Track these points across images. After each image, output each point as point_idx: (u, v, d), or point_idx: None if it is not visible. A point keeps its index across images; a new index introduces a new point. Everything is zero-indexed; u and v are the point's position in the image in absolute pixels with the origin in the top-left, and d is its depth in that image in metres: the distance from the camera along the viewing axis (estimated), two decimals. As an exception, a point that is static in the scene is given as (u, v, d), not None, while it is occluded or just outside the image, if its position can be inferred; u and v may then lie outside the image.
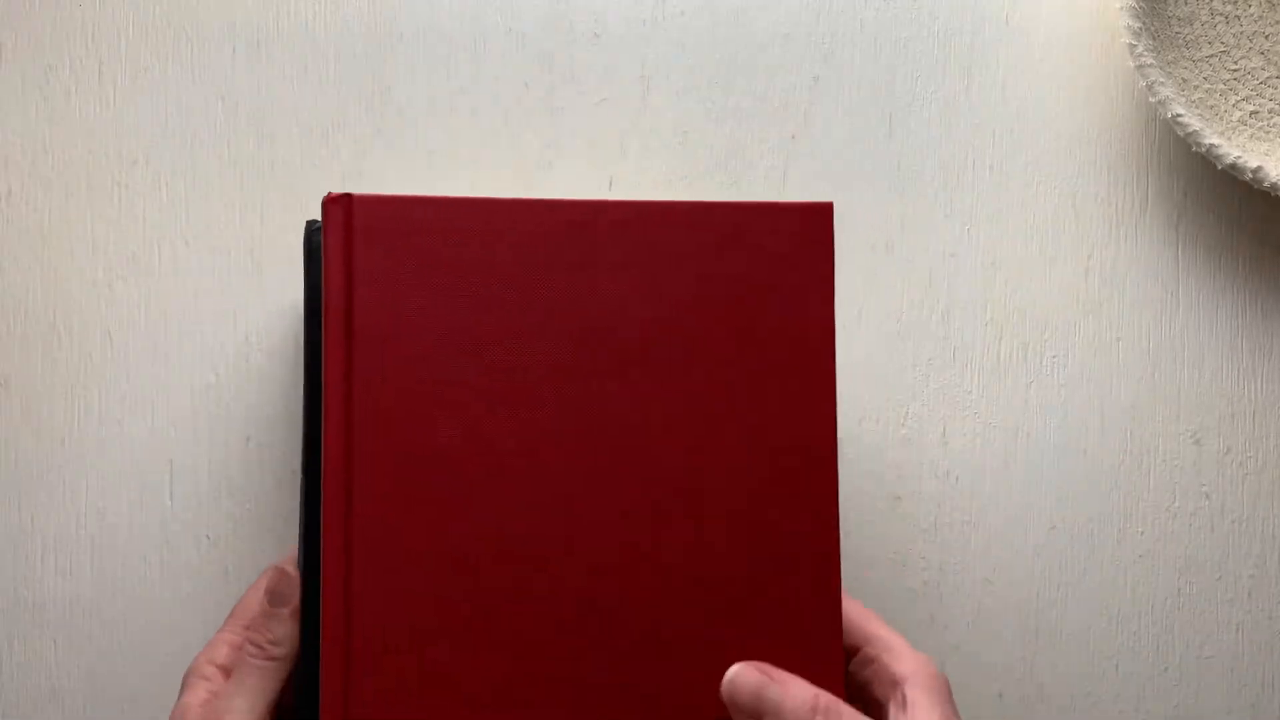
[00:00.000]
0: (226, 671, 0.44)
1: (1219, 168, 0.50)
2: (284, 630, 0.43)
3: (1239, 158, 0.50)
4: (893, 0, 0.54)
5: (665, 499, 0.42)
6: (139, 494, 0.52)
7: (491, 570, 0.41)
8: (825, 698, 0.41)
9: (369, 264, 0.41)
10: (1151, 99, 0.51)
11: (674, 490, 0.42)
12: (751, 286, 0.43)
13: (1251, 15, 0.53)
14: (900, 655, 0.44)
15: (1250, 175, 0.50)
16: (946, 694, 0.44)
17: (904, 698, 0.43)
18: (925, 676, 0.43)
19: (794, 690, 0.41)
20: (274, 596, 0.44)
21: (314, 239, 0.44)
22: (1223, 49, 0.53)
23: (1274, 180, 0.50)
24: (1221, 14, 0.53)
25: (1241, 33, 0.53)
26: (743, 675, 0.41)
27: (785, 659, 0.42)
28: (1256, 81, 0.53)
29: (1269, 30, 0.53)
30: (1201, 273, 0.55)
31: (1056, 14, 0.55)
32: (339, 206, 0.42)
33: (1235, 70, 0.53)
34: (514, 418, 0.42)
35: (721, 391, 0.42)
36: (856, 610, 0.46)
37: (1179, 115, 0.50)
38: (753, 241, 0.43)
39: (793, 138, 0.54)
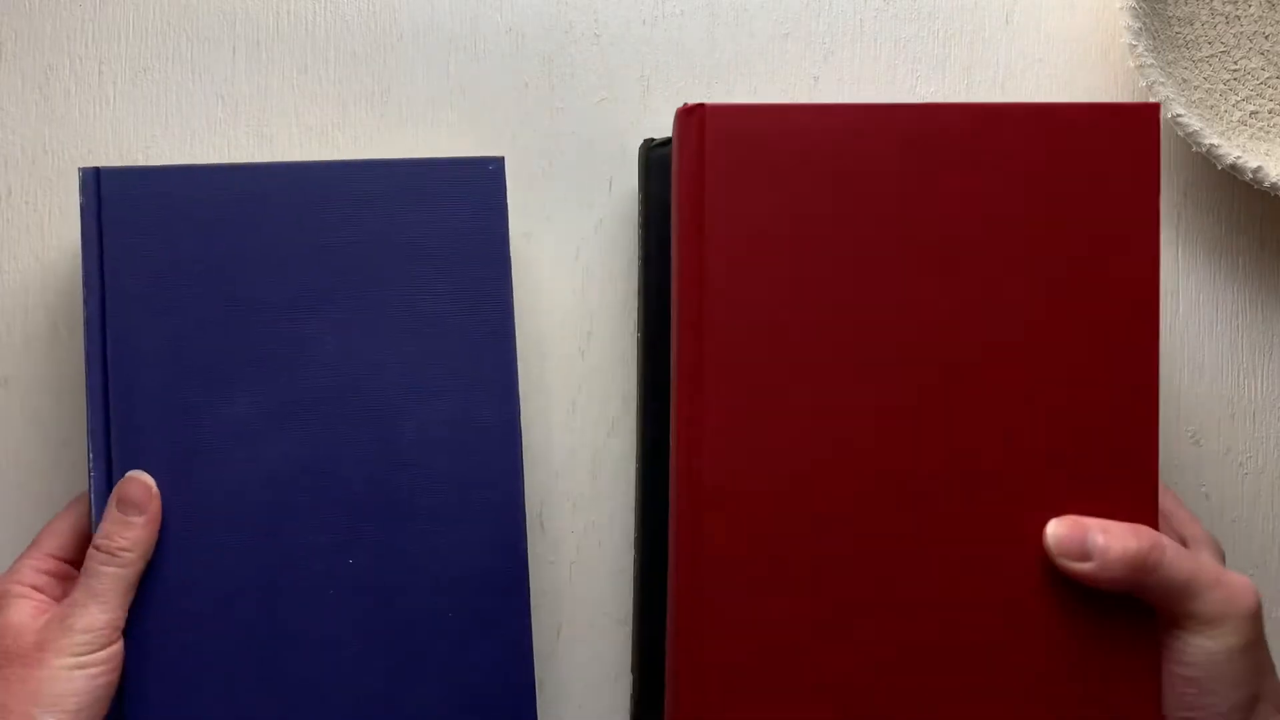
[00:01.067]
0: (40, 591, 0.46)
1: (1219, 168, 0.50)
2: (135, 535, 0.45)
3: (1239, 158, 0.50)
4: (893, 0, 0.54)
5: (996, 387, 0.44)
6: None
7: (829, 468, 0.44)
8: (1154, 543, 0.42)
9: (718, 171, 0.44)
10: (1152, 98, 0.51)
11: (1004, 379, 0.44)
12: (1080, 185, 0.44)
13: (1251, 15, 0.53)
14: (1185, 521, 0.47)
15: (1250, 175, 0.50)
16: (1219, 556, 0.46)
17: (1212, 562, 0.44)
18: (1213, 544, 0.46)
19: (1115, 529, 0.43)
20: (128, 505, 0.45)
21: (650, 155, 0.50)
22: (1223, 49, 0.53)
23: (1274, 180, 0.50)
24: (1221, 14, 0.53)
25: (1241, 33, 0.53)
26: (1060, 526, 0.43)
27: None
28: (1256, 82, 0.53)
29: (1269, 30, 0.53)
30: (1201, 273, 0.55)
31: (1056, 14, 0.54)
32: (693, 117, 0.45)
33: (1235, 70, 0.53)
34: (852, 317, 0.44)
35: (1046, 286, 0.44)
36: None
37: (1179, 115, 0.50)
38: (1081, 143, 0.44)
39: (793, 138, 0.54)
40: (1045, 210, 0.44)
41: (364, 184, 0.48)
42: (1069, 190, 0.44)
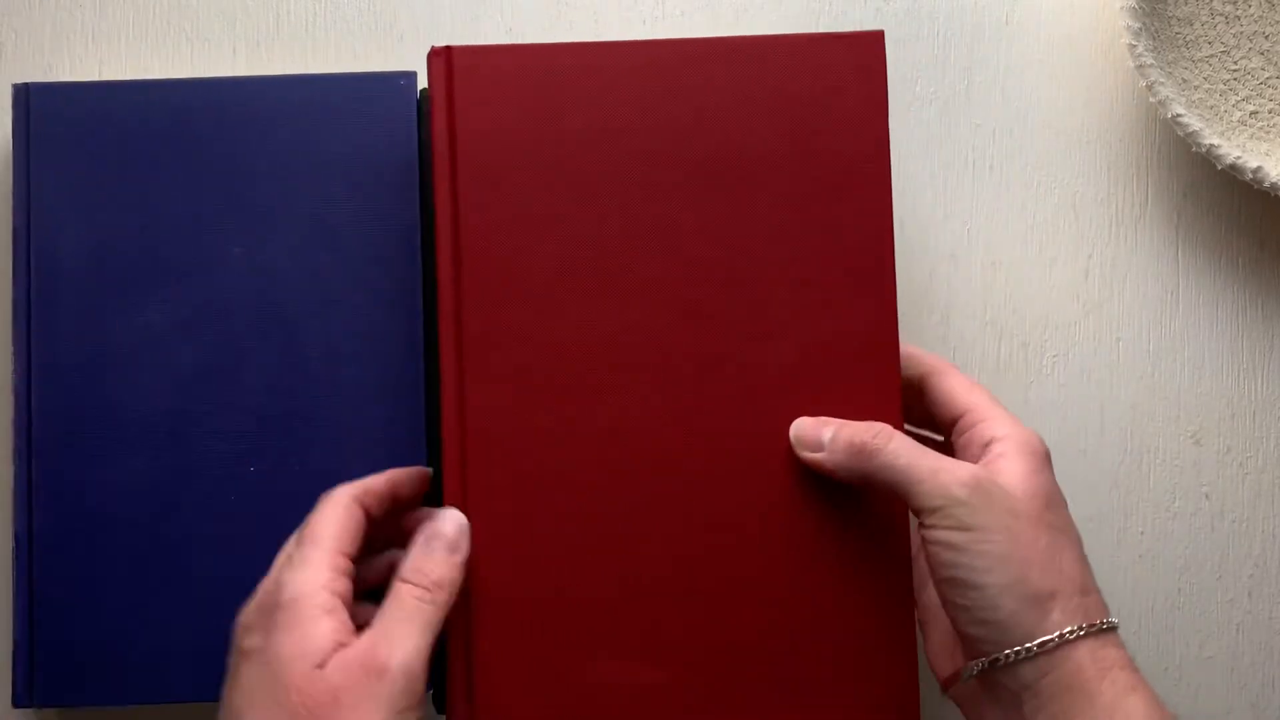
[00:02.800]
0: (344, 602, 0.40)
1: (1219, 168, 0.50)
2: (452, 576, 0.42)
3: (1239, 158, 0.50)
4: (893, 0, 0.54)
5: (747, 304, 0.46)
6: None
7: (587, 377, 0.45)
8: (877, 426, 0.43)
9: (469, 111, 0.45)
10: (1151, 99, 0.51)
11: (754, 295, 0.46)
12: (812, 109, 0.46)
13: (1251, 15, 0.53)
14: (998, 422, 0.44)
15: (1250, 175, 0.50)
16: (1043, 457, 0.43)
17: (993, 454, 0.43)
18: (1018, 440, 0.43)
19: (851, 424, 0.43)
20: (449, 544, 0.43)
21: (424, 104, 0.49)
22: (1223, 49, 0.53)
23: (1274, 180, 0.50)
24: (1221, 14, 0.53)
25: (1241, 33, 0.53)
26: (804, 422, 0.44)
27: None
28: (1256, 82, 0.53)
29: (1269, 30, 0.53)
30: (1201, 273, 0.55)
31: (1056, 14, 0.54)
32: (440, 59, 0.46)
33: (1235, 70, 0.53)
34: (606, 246, 0.45)
35: (785, 206, 0.46)
36: (961, 382, 0.46)
37: (1179, 115, 0.50)
38: (811, 69, 0.46)
39: (793, 138, 0.54)
40: (787, 136, 0.46)
41: (279, 98, 0.50)
42: (807, 113, 0.46)
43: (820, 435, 0.44)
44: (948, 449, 0.45)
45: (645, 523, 0.45)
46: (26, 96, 0.49)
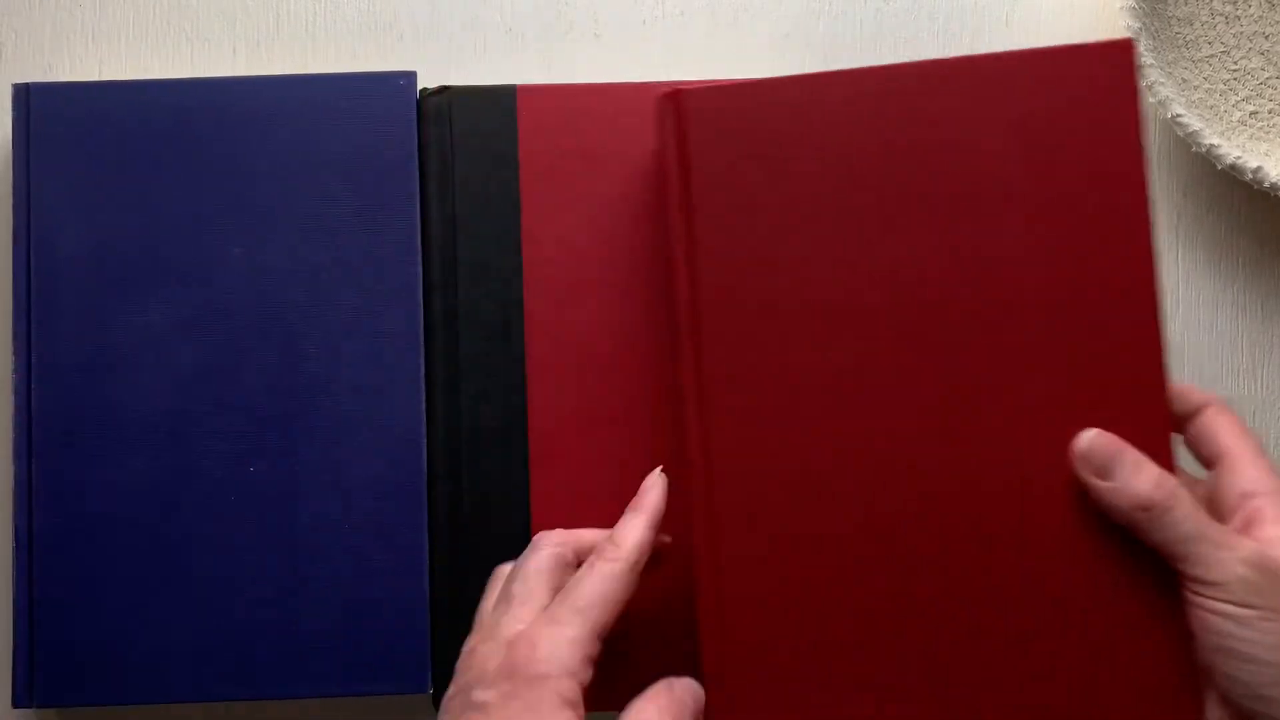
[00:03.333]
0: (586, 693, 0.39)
1: (1219, 168, 0.50)
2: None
3: (1239, 158, 0.50)
4: (892, 0, 0.54)
5: (985, 322, 0.43)
6: None
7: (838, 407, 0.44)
8: (1169, 483, 0.41)
9: (703, 155, 0.44)
10: (1151, 99, 0.51)
11: (1007, 321, 0.43)
12: (1059, 126, 0.44)
13: (1251, 15, 0.53)
14: (1259, 475, 0.42)
15: (1250, 175, 0.50)
16: None
17: (1254, 512, 0.41)
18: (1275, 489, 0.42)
19: (1147, 467, 0.41)
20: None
21: (425, 104, 0.50)
22: (1223, 49, 0.53)
23: (1274, 180, 0.50)
24: (1221, 14, 0.53)
25: (1241, 33, 0.53)
26: (1100, 438, 0.42)
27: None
28: (1256, 82, 0.53)
29: (1269, 30, 0.53)
30: (1201, 273, 0.55)
31: (1056, 14, 0.54)
32: (670, 103, 0.44)
33: (1235, 70, 0.53)
34: (852, 280, 0.44)
35: (1034, 228, 0.43)
36: (1228, 423, 0.44)
37: (1179, 116, 0.50)
38: (1055, 83, 0.44)
39: (793, 138, 0.54)
40: (1032, 155, 0.44)
41: (279, 98, 0.50)
42: (1053, 131, 0.44)
43: (1114, 463, 0.42)
44: (1204, 486, 0.44)
45: (901, 560, 0.43)
46: (27, 96, 0.49)
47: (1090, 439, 0.42)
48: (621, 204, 0.48)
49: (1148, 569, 0.42)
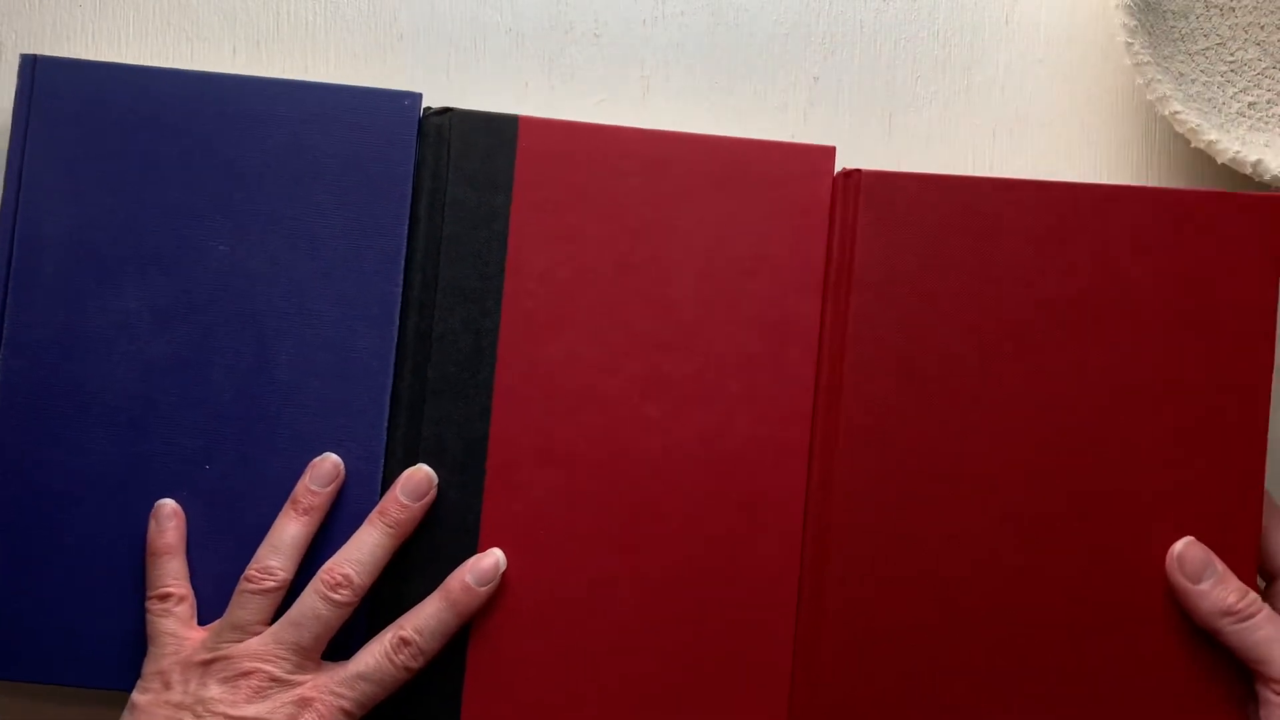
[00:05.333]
0: None
1: (1219, 162, 0.50)
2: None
3: (1238, 152, 0.50)
4: (892, 0, 0.55)
5: (1105, 434, 0.48)
6: None
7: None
8: (1250, 594, 0.45)
9: (870, 237, 0.48)
10: (1150, 95, 0.51)
11: (1114, 427, 0.48)
12: (1206, 262, 0.48)
13: (1246, 7, 0.54)
14: None
15: (1250, 169, 0.50)
16: None
17: None
18: None
19: (1232, 578, 0.46)
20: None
21: (426, 123, 0.49)
22: (1219, 41, 0.54)
23: (1275, 173, 0.50)
24: (1216, 6, 0.54)
25: (1237, 24, 0.54)
26: (1193, 546, 0.47)
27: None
28: (1254, 73, 0.54)
29: (1264, 21, 0.54)
30: (1205, 271, 0.54)
31: (1056, 14, 0.55)
32: (851, 180, 0.48)
33: (1232, 62, 0.54)
34: (985, 372, 0.48)
35: (1166, 350, 0.48)
36: None
37: (1177, 112, 0.50)
38: (1209, 222, 0.48)
39: (792, 138, 0.54)
40: (1175, 285, 0.47)
41: (283, 101, 0.49)
42: (1200, 265, 0.47)
43: (1204, 570, 0.46)
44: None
45: (997, 643, 0.47)
46: (33, 68, 0.49)
47: (1185, 545, 0.46)
48: (610, 246, 0.48)
49: (1224, 671, 0.46)
